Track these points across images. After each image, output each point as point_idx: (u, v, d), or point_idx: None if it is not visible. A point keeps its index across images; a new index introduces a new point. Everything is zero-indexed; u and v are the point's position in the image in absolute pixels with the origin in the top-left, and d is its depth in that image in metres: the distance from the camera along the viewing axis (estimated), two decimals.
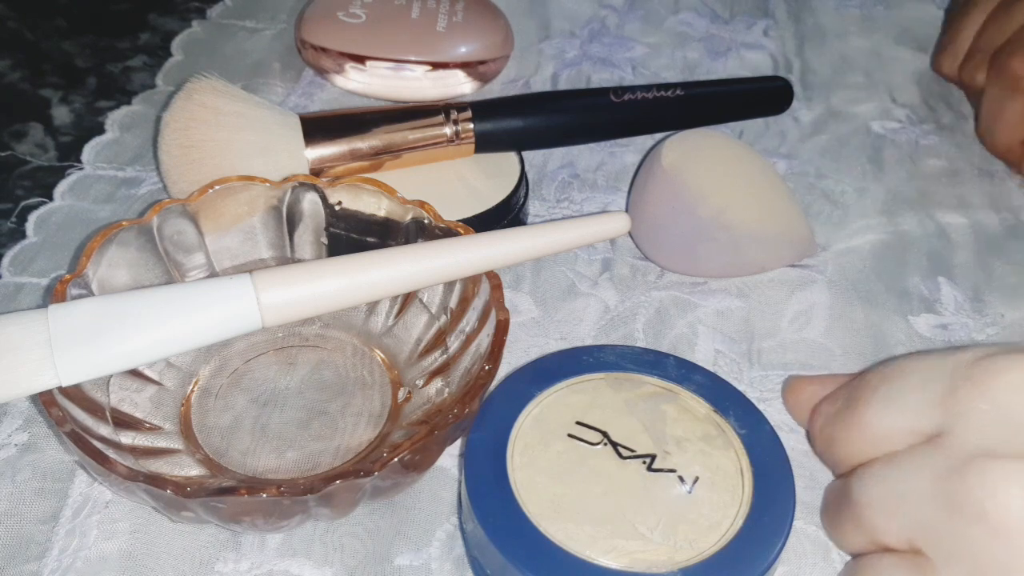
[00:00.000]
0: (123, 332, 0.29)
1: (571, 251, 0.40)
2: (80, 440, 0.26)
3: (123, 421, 0.30)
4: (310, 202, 0.35)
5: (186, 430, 0.32)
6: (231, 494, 0.25)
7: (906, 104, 0.48)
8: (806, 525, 0.30)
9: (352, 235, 0.35)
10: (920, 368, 0.26)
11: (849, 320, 0.37)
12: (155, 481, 0.25)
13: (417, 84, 0.47)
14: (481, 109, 0.40)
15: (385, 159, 0.39)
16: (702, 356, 0.36)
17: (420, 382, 0.33)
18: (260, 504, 0.25)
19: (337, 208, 0.35)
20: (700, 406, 0.29)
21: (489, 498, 0.26)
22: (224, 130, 0.36)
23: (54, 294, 0.30)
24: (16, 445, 0.32)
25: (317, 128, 0.38)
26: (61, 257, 0.39)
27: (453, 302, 0.33)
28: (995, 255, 0.40)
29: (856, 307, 0.38)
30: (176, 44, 0.52)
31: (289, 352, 0.34)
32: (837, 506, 0.27)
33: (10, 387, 0.28)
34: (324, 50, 0.47)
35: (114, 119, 0.47)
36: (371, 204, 0.34)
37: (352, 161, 0.39)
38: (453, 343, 0.33)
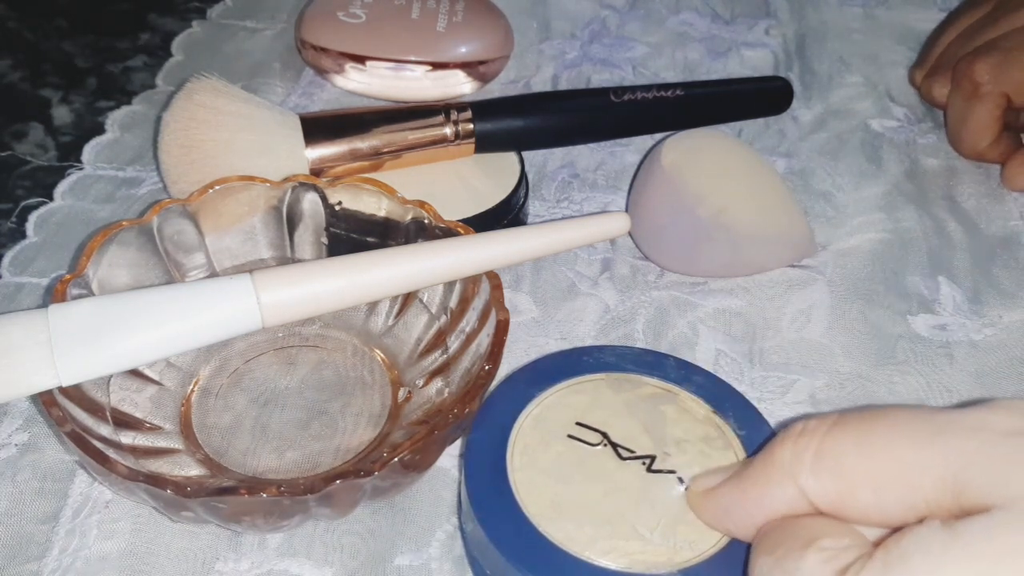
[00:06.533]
0: (123, 332, 0.29)
1: (571, 251, 0.40)
2: (80, 440, 0.26)
3: (123, 421, 0.30)
4: (310, 202, 0.35)
5: (186, 430, 0.32)
6: (231, 494, 0.25)
7: (904, 103, 0.49)
8: None
9: (352, 235, 0.35)
10: None
11: (849, 320, 0.37)
12: (155, 481, 0.25)
13: (417, 84, 0.47)
14: (481, 109, 0.40)
15: (385, 159, 0.39)
16: (702, 356, 0.36)
17: (420, 382, 0.33)
18: (260, 504, 0.25)
19: (337, 208, 0.35)
20: (700, 407, 0.29)
21: (489, 498, 0.26)
22: (224, 130, 0.36)
23: (54, 294, 0.30)
24: (16, 445, 0.32)
25: (317, 128, 0.38)
26: (61, 257, 0.39)
27: (453, 302, 0.33)
28: (994, 255, 0.40)
29: (856, 307, 0.38)
30: (176, 44, 0.52)
31: (289, 352, 0.34)
32: None
33: (10, 387, 0.28)
34: (324, 50, 0.47)
35: (114, 119, 0.47)
36: (371, 204, 0.34)
37: (352, 161, 0.39)
38: (453, 343, 0.33)
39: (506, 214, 0.39)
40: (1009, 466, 0.20)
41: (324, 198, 0.35)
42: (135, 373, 0.32)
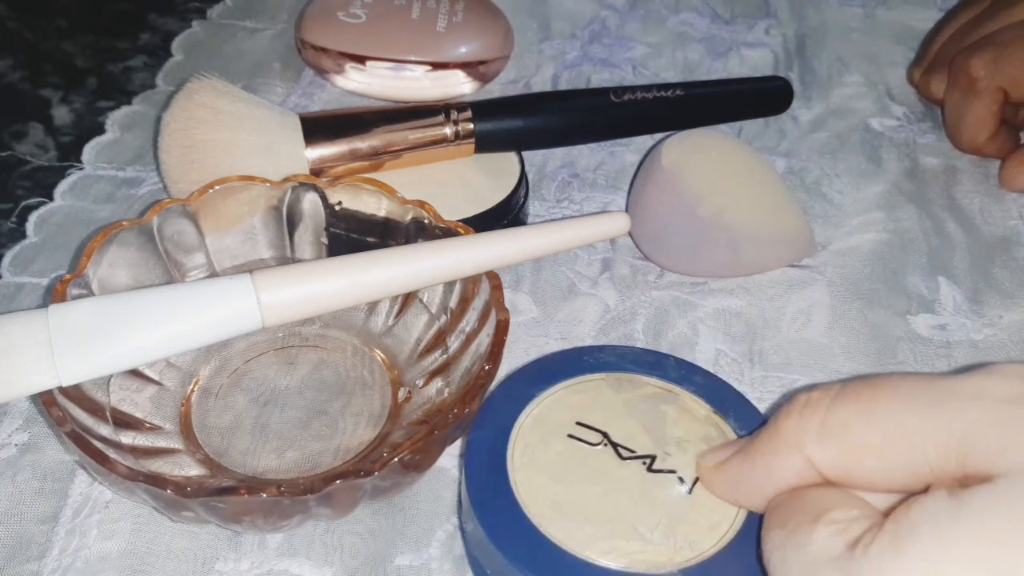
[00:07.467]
0: (123, 332, 0.29)
1: (571, 251, 0.40)
2: (80, 440, 0.26)
3: (123, 421, 0.30)
4: (310, 202, 0.35)
5: (186, 430, 0.32)
6: (231, 494, 0.25)
7: (904, 103, 0.49)
8: None
9: (352, 235, 0.35)
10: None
11: (849, 320, 0.37)
12: (155, 481, 0.25)
13: (417, 84, 0.47)
14: (481, 109, 0.40)
15: (385, 159, 0.39)
16: (702, 356, 0.36)
17: (420, 382, 0.33)
18: (260, 504, 0.25)
19: (337, 208, 0.35)
20: (700, 407, 0.29)
21: (489, 498, 0.26)
22: (224, 130, 0.36)
23: (54, 294, 0.30)
24: (16, 445, 0.32)
25: (317, 128, 0.38)
26: (61, 257, 0.39)
27: (453, 302, 0.33)
28: (994, 255, 0.40)
29: (856, 307, 0.38)
30: (176, 44, 0.52)
31: (289, 352, 0.34)
32: None
33: (10, 387, 0.28)
34: (324, 50, 0.47)
35: (114, 119, 0.47)
36: (371, 204, 0.34)
37: (352, 161, 0.39)
38: (453, 343, 0.33)
39: (506, 214, 0.39)
40: (1010, 433, 0.20)
41: (324, 198, 0.35)
42: (135, 373, 0.32)
